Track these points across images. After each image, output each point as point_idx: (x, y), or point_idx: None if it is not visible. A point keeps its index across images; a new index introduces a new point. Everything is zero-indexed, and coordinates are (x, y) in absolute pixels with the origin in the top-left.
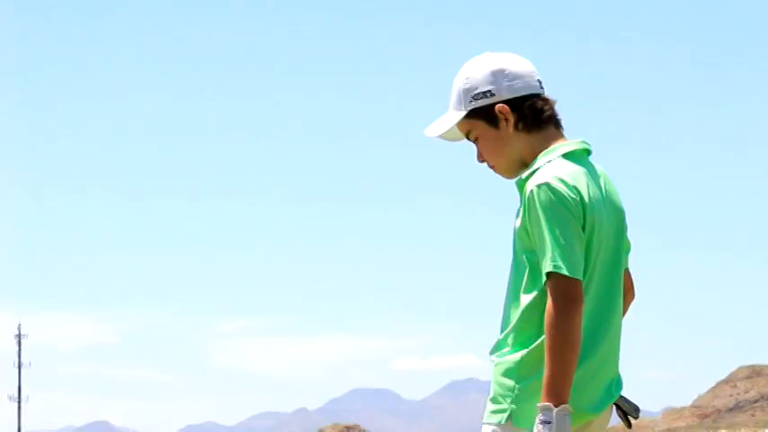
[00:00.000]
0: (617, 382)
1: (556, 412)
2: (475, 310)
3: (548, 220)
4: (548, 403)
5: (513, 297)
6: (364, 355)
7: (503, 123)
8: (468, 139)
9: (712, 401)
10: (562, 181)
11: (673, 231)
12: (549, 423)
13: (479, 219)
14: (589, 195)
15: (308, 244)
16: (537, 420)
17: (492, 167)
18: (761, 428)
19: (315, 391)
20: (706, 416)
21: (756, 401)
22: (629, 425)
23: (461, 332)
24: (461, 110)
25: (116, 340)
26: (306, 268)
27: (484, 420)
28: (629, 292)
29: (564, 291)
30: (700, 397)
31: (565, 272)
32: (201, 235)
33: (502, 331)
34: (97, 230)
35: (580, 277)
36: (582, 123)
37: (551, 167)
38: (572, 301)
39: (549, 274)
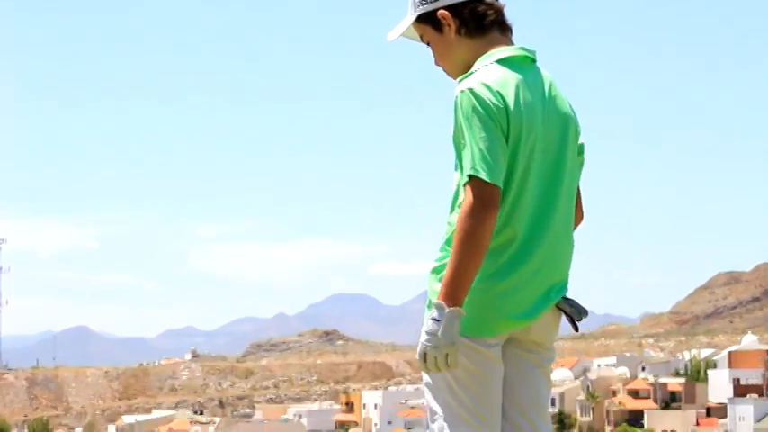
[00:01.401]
0: (559, 288)
1: (447, 312)
2: None
3: (468, 126)
4: (441, 302)
5: (452, 203)
6: (343, 260)
7: (446, 29)
8: (422, 42)
9: (690, 307)
10: (486, 86)
11: (654, 137)
12: (438, 321)
13: None
14: (518, 102)
15: (288, 149)
16: (428, 316)
17: (444, 71)
18: (739, 335)
19: (294, 297)
20: (684, 322)
21: (734, 308)
22: (576, 328)
23: (441, 237)
24: (413, 14)
25: (96, 246)
26: (287, 174)
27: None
28: (578, 210)
29: (479, 195)
30: (678, 303)
31: (482, 176)
32: (182, 140)
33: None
34: (78, 136)
35: (498, 183)
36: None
37: (480, 73)
38: (486, 206)
39: (467, 178)
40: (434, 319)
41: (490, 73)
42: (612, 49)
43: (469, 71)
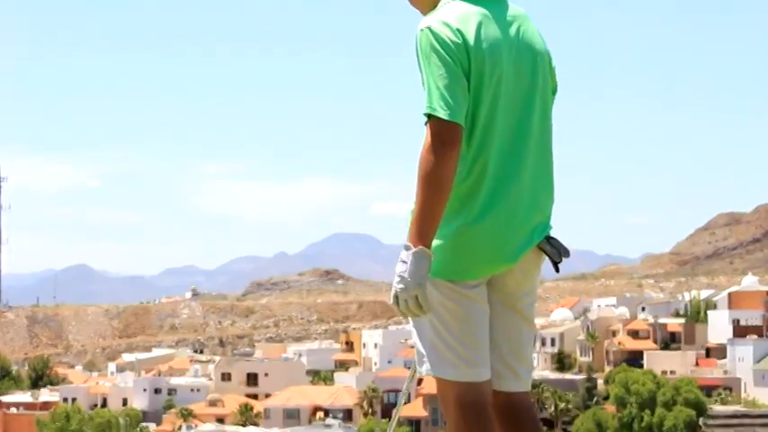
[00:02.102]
0: (540, 228)
1: (413, 253)
2: None
3: (427, 64)
4: (409, 243)
5: None
6: (344, 199)
7: None
8: None
9: (691, 248)
10: (445, 24)
11: (656, 77)
12: (405, 263)
13: None
14: (479, 37)
15: (291, 88)
16: (398, 258)
17: (417, 10)
18: (739, 275)
19: (295, 236)
20: (684, 263)
21: (735, 249)
22: (557, 269)
23: None
24: None
25: (97, 184)
26: (289, 112)
27: None
28: None
29: (438, 134)
30: (678, 244)
31: (440, 115)
32: (185, 79)
33: None
34: (80, 73)
35: (458, 121)
36: None
37: (442, 10)
38: (445, 145)
39: (426, 117)
40: (402, 261)
41: (452, 9)
42: None
43: (437, 7)
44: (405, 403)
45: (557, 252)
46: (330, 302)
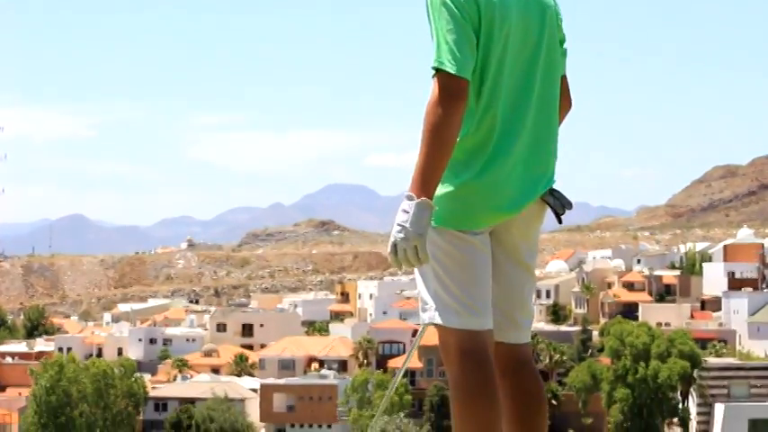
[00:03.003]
0: (544, 180)
1: (416, 203)
2: None
3: (437, 18)
4: (411, 193)
5: None
6: (340, 150)
7: None
8: None
9: (686, 201)
10: None
11: (652, 30)
12: (407, 213)
13: None
14: None
15: (287, 39)
16: (400, 207)
17: None
18: (734, 228)
19: (290, 187)
20: (680, 215)
21: (730, 201)
22: (560, 221)
23: None
24: None
25: (93, 134)
26: (284, 64)
27: None
28: (564, 99)
29: (445, 87)
30: (674, 196)
31: (448, 69)
32: (182, 29)
33: None
34: (77, 24)
35: (465, 76)
36: None
37: None
38: (452, 99)
39: (433, 71)
40: (404, 211)
41: None
42: None
43: None
44: (400, 357)
45: (560, 204)
46: (325, 253)
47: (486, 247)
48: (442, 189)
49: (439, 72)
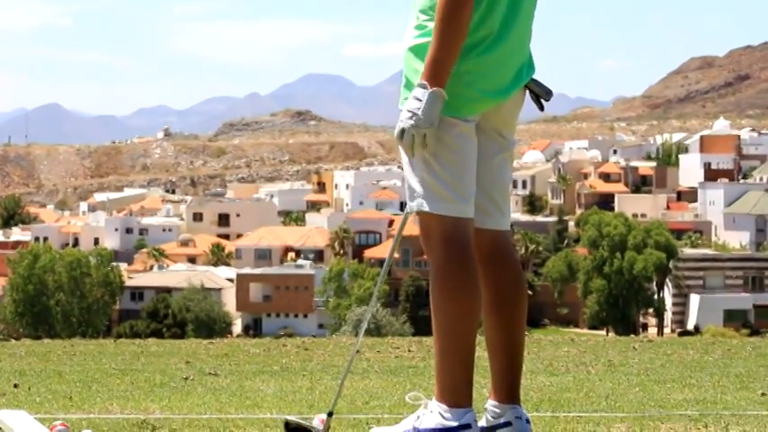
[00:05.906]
0: (528, 66)
1: (429, 92)
2: None
3: None
4: (425, 82)
5: None
6: (317, 40)
7: None
8: None
9: (663, 92)
10: None
11: None
12: (420, 101)
13: None
14: None
15: None
16: (410, 95)
17: None
18: (711, 119)
19: (267, 76)
20: (656, 106)
21: (707, 92)
22: (542, 108)
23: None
24: None
25: (69, 22)
26: None
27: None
28: None
29: None
30: (650, 87)
31: None
32: None
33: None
34: None
35: None
36: None
37: None
38: None
39: None
40: (417, 99)
41: None
42: None
43: None
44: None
45: (543, 91)
46: (302, 143)
47: (474, 136)
48: None
49: None
